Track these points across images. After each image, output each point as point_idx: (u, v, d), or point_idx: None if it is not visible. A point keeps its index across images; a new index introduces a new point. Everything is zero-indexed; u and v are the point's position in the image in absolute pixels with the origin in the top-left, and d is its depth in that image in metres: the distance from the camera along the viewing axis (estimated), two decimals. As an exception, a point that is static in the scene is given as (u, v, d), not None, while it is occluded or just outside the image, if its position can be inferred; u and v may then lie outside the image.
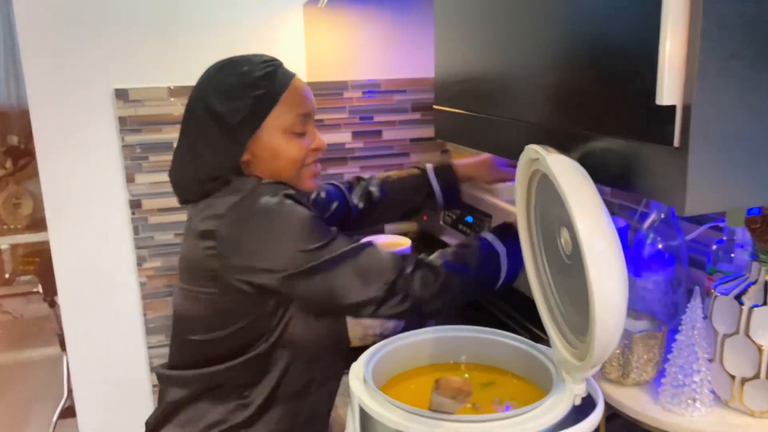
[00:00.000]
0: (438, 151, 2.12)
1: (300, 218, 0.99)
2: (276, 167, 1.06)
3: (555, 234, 0.85)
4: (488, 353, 0.94)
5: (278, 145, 1.05)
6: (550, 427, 0.74)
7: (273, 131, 1.05)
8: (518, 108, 0.94)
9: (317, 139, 1.12)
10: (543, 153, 0.75)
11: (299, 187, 1.09)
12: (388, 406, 0.77)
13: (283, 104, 1.05)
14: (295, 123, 1.06)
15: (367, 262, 1.00)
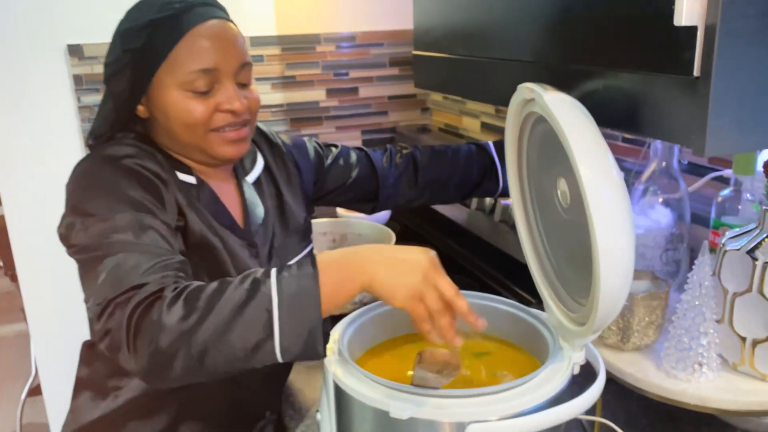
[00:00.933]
0: (418, 109, 2.01)
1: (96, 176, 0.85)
2: (171, 129, 0.91)
3: (550, 186, 0.76)
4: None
5: (169, 105, 0.89)
6: (547, 400, 0.66)
7: (164, 88, 0.89)
8: (509, 46, 0.84)
9: (233, 99, 0.90)
10: (539, 91, 0.66)
11: (211, 153, 0.93)
12: (366, 381, 0.68)
13: (174, 58, 0.88)
14: (193, 80, 0.88)
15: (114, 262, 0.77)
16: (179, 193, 0.90)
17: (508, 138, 0.80)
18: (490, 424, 0.63)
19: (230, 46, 0.90)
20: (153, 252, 0.78)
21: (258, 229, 1.00)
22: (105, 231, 0.79)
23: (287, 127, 1.89)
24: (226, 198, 0.98)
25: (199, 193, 0.94)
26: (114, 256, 0.77)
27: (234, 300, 0.70)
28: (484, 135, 1.73)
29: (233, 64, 0.90)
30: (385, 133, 2.00)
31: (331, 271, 0.72)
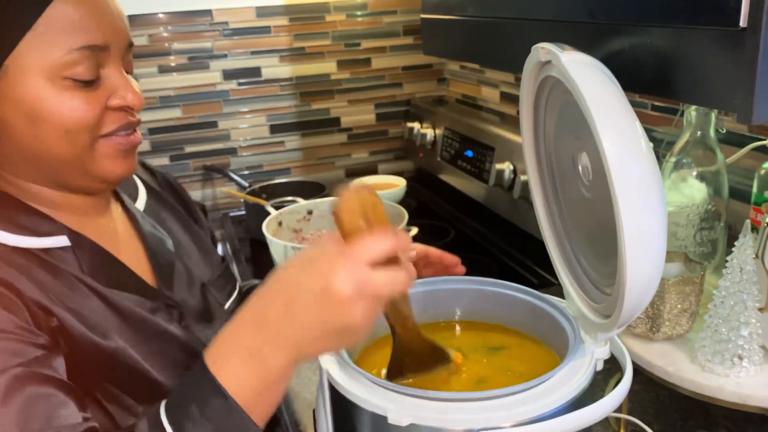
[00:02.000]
0: (434, 79, 1.92)
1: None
2: (38, 139, 0.63)
3: (570, 160, 0.67)
4: (489, 309, 0.78)
5: (39, 100, 0.61)
6: (567, 403, 0.59)
7: (27, 75, 0.61)
8: (524, 3, 0.75)
9: (126, 90, 0.66)
10: (556, 51, 0.57)
11: (96, 173, 0.67)
12: (363, 381, 0.61)
13: (45, 27, 0.60)
14: (74, 62, 0.61)
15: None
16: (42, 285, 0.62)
17: (523, 106, 0.71)
18: (502, 432, 0.56)
19: (119, 19, 0.66)
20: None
21: (172, 271, 0.77)
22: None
23: (297, 102, 1.82)
24: (113, 243, 0.72)
25: (79, 260, 0.66)
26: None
27: None
28: (503, 106, 1.63)
29: (122, 43, 0.66)
30: (399, 106, 1.91)
31: (240, 371, 0.53)
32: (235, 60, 1.73)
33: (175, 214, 0.85)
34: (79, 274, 0.65)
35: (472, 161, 1.49)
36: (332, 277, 0.52)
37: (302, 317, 0.53)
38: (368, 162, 1.94)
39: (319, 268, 0.53)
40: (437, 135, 1.70)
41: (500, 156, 1.35)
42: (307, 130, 1.86)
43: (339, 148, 1.90)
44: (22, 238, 0.64)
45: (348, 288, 0.51)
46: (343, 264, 0.52)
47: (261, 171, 1.84)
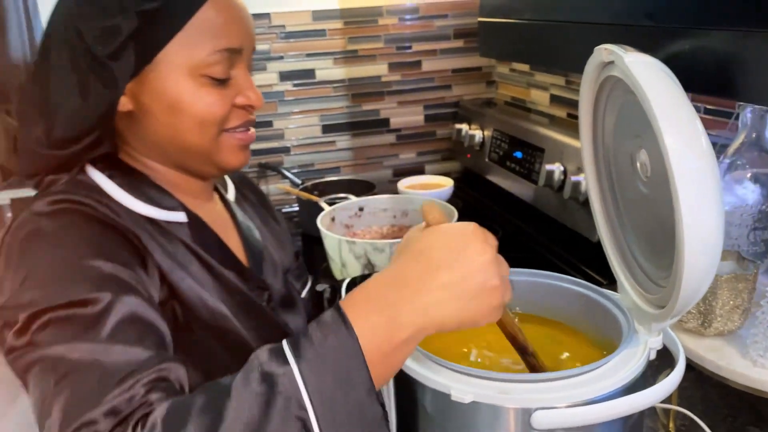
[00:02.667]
0: (483, 82, 1.95)
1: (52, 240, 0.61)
2: (175, 128, 0.70)
3: (628, 157, 0.70)
4: (543, 301, 0.81)
5: (180, 94, 0.68)
6: (620, 388, 0.61)
7: (173, 71, 0.68)
8: (583, 7, 0.78)
9: (250, 91, 0.73)
10: (620, 52, 0.60)
11: (218, 161, 0.74)
12: (426, 361, 0.65)
13: (193, 30, 0.67)
14: (213, 62, 0.69)
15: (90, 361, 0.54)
16: (160, 248, 0.69)
17: (582, 106, 0.74)
18: (557, 411, 0.59)
19: (250, 25, 0.73)
20: (127, 361, 0.54)
21: (262, 258, 0.83)
22: (60, 330, 0.56)
23: (349, 102, 1.87)
24: (219, 226, 0.78)
25: (193, 234, 0.73)
26: (69, 375, 0.53)
27: (245, 417, 0.48)
28: (554, 108, 1.65)
29: (251, 48, 0.74)
30: (448, 108, 1.94)
31: (372, 322, 0.52)
32: (291, 62, 1.80)
33: (254, 209, 0.91)
34: (193, 246, 0.72)
35: (521, 162, 1.52)
36: (474, 238, 0.56)
37: (442, 277, 0.54)
38: (416, 162, 1.97)
39: (462, 230, 0.56)
40: (486, 136, 1.72)
41: (550, 157, 1.38)
42: (357, 130, 1.91)
43: (387, 149, 1.95)
44: (150, 208, 0.71)
45: (489, 250, 0.55)
46: (483, 231, 0.57)
47: (312, 169, 1.90)
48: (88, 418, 0.50)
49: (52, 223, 0.62)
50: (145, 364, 0.55)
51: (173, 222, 0.72)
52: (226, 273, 0.74)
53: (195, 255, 0.72)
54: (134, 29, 0.65)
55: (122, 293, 0.59)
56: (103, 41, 0.65)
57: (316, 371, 0.50)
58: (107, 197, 0.68)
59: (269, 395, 0.48)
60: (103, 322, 0.56)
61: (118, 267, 0.60)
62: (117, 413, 0.51)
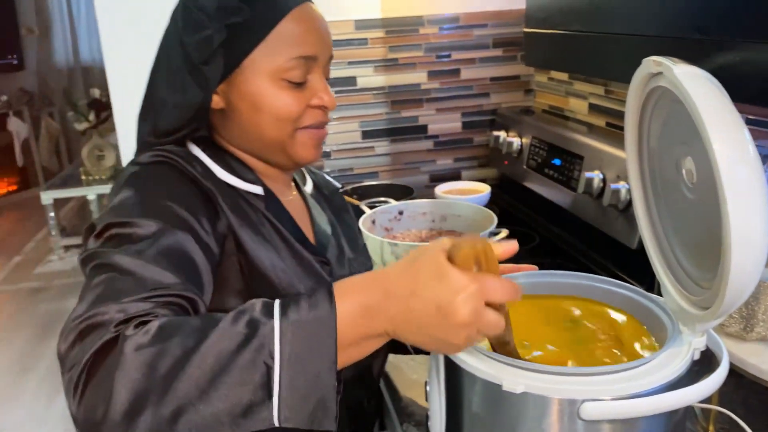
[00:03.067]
0: (521, 90, 1.97)
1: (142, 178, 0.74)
2: (257, 124, 0.81)
3: (673, 164, 0.73)
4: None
5: (262, 94, 0.79)
6: (665, 384, 0.64)
7: (256, 75, 0.79)
8: (631, 19, 0.81)
9: (324, 94, 0.82)
10: (668, 64, 0.63)
11: (292, 155, 0.83)
12: (477, 354, 0.68)
13: (274, 40, 0.78)
14: (291, 68, 0.79)
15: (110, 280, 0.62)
16: (233, 208, 0.79)
17: (628, 115, 0.77)
18: (604, 404, 0.62)
19: (326, 34, 0.83)
20: (157, 280, 0.62)
21: (327, 242, 0.92)
22: (119, 242, 0.66)
23: (388, 109, 1.92)
24: (292, 209, 0.88)
25: (267, 205, 0.84)
26: (110, 274, 0.62)
27: (222, 346, 0.54)
28: (591, 117, 1.67)
29: (326, 56, 0.83)
30: (485, 115, 1.98)
31: (353, 311, 0.58)
32: (334, 69, 1.82)
33: (329, 204, 1.00)
34: (266, 214, 0.82)
35: (559, 169, 1.54)
36: (457, 298, 0.57)
37: (417, 312, 0.58)
38: (452, 168, 2.01)
39: (454, 286, 0.57)
40: (523, 143, 1.75)
41: (589, 164, 1.40)
42: (395, 136, 1.95)
43: (425, 154, 1.98)
44: (233, 178, 0.82)
45: (466, 314, 0.57)
46: (471, 292, 0.57)
47: (351, 174, 1.94)
48: (103, 309, 0.58)
49: (146, 170, 0.76)
50: (171, 287, 0.63)
51: (251, 192, 0.83)
52: (295, 244, 0.83)
53: (268, 221, 0.82)
54: (223, 40, 0.77)
55: (176, 228, 0.68)
56: (199, 49, 0.78)
57: (293, 332, 0.56)
58: (199, 162, 0.80)
59: (248, 336, 0.55)
60: (151, 243, 0.66)
61: (182, 211, 0.71)
62: (126, 312, 0.58)
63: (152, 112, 0.83)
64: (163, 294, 0.61)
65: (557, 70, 1.00)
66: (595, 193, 1.35)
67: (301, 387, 0.55)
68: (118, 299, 0.59)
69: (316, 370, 0.56)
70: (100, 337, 0.56)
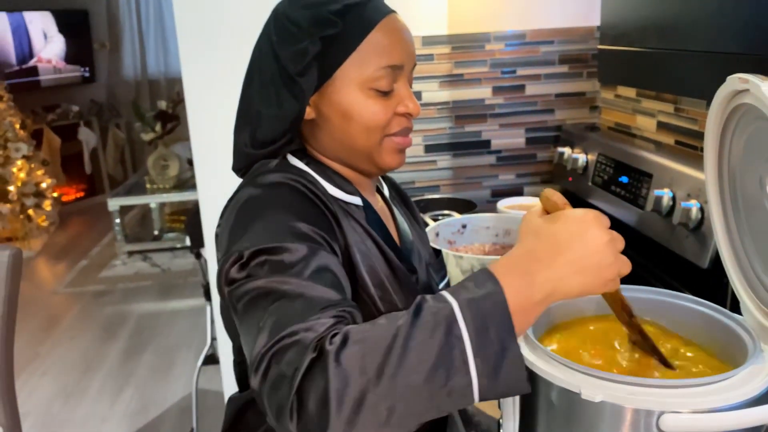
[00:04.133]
0: (587, 107, 1.97)
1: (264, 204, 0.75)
2: (347, 133, 0.83)
3: (755, 182, 0.73)
4: (666, 317, 0.84)
5: (352, 104, 0.81)
6: (746, 401, 0.64)
7: (347, 85, 0.81)
8: (710, 37, 0.81)
9: (409, 101, 0.84)
10: (756, 81, 0.64)
11: (379, 162, 0.85)
12: (552, 362, 0.70)
13: (364, 51, 0.81)
14: (379, 77, 0.81)
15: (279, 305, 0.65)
16: (346, 223, 0.82)
17: (709, 131, 0.77)
18: (683, 416, 0.62)
19: (411, 44, 0.85)
20: (324, 297, 0.66)
21: (411, 246, 0.94)
22: (274, 268, 0.68)
23: (452, 124, 1.94)
24: (382, 215, 0.91)
25: (367, 216, 0.87)
26: (279, 301, 0.65)
27: (417, 337, 0.57)
28: (660, 135, 1.66)
29: (411, 64, 0.85)
30: (549, 131, 1.98)
31: (520, 285, 0.62)
32: (399, 83, 1.88)
33: (402, 208, 1.02)
34: (365, 226, 0.86)
35: (627, 187, 1.53)
36: (593, 224, 0.64)
37: (567, 255, 0.63)
38: (515, 184, 2.02)
39: (583, 218, 0.65)
40: (589, 160, 1.75)
41: (658, 182, 1.39)
42: (458, 150, 1.97)
43: (487, 169, 2.00)
44: (337, 190, 0.86)
45: (605, 233, 0.64)
46: (601, 218, 0.66)
47: (413, 187, 1.97)
48: (292, 330, 0.61)
49: (268, 193, 0.77)
50: (339, 303, 0.66)
51: (352, 204, 0.87)
52: (390, 253, 0.86)
53: (367, 233, 0.85)
54: (318, 51, 0.80)
55: (319, 249, 0.71)
56: (294, 61, 0.80)
57: (470, 308, 0.59)
58: (310, 177, 0.83)
59: (436, 323, 0.58)
60: (305, 265, 0.69)
61: (315, 230, 0.74)
62: (315, 330, 0.61)
63: (248, 123, 0.86)
64: (336, 310, 0.65)
65: (631, 86, 1.01)
66: (665, 212, 1.34)
67: (491, 357, 0.58)
68: (303, 319, 0.62)
69: (500, 338, 0.59)
70: (301, 357, 0.58)
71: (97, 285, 4.09)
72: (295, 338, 0.60)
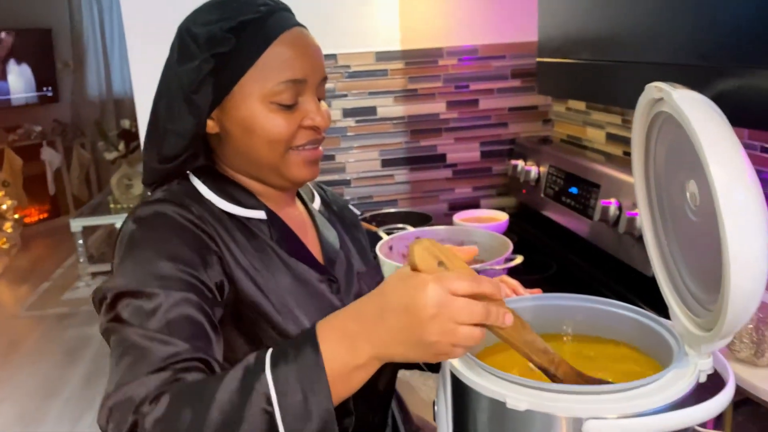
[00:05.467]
0: (539, 120, 2.00)
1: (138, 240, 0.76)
2: (250, 146, 0.83)
3: (678, 189, 0.74)
4: (598, 324, 0.85)
5: (253, 118, 0.81)
6: (670, 404, 0.65)
7: (247, 99, 0.81)
8: (638, 48, 0.84)
9: (316, 114, 0.84)
10: (668, 89, 0.65)
11: (287, 175, 0.85)
12: (483, 373, 0.70)
13: (263, 65, 0.80)
14: (280, 91, 0.81)
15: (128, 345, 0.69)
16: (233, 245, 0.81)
17: (635, 140, 0.79)
18: (608, 422, 0.62)
19: (316, 58, 0.84)
20: (169, 351, 0.67)
21: (335, 256, 0.93)
22: (133, 313, 0.70)
23: (408, 138, 1.95)
24: (297, 227, 0.90)
25: (270, 230, 0.86)
26: (129, 353, 0.68)
27: (228, 404, 0.61)
28: (609, 146, 1.69)
29: (318, 78, 0.84)
30: (503, 145, 2.00)
31: (340, 350, 0.64)
32: (354, 100, 1.89)
33: (339, 221, 1.01)
34: (269, 241, 0.85)
35: (576, 198, 1.55)
36: (419, 294, 0.61)
37: (389, 322, 0.63)
38: (471, 197, 2.03)
39: (413, 284, 0.62)
40: (541, 172, 1.77)
41: (606, 193, 1.41)
42: (415, 165, 1.98)
43: (443, 183, 2.01)
44: (232, 206, 0.85)
45: (429, 306, 0.60)
46: (431, 287, 0.61)
47: (371, 201, 1.97)
48: (126, 389, 0.64)
49: (141, 228, 0.78)
50: (182, 354, 0.68)
51: (253, 218, 0.85)
52: (296, 266, 0.86)
53: (271, 249, 0.84)
54: (212, 68, 0.80)
55: (181, 291, 0.72)
56: (189, 78, 0.81)
57: (284, 380, 0.62)
58: (199, 197, 0.84)
59: (247, 391, 0.62)
60: (160, 315, 0.70)
61: (182, 268, 0.74)
62: (147, 386, 0.64)
63: (155, 138, 0.86)
64: (176, 361, 0.67)
65: (569, 98, 1.03)
66: (611, 221, 1.36)
67: (302, 422, 0.62)
68: (136, 376, 0.65)
69: (312, 408, 0.62)
70: (125, 420, 0.62)
71: (60, 308, 4.01)
72: (126, 397, 0.64)
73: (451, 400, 0.74)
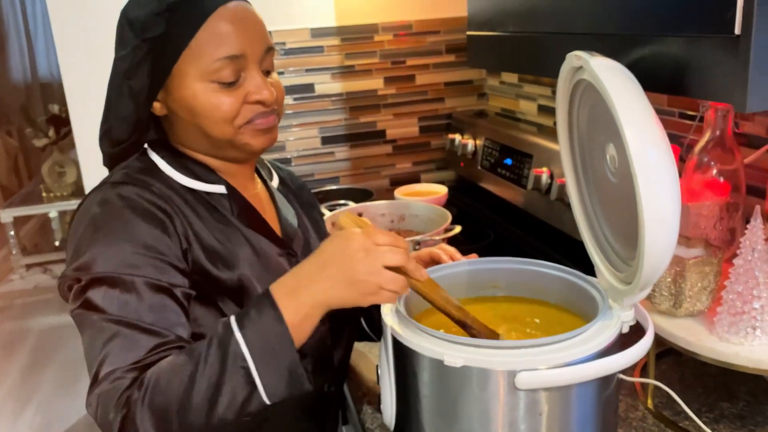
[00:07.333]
0: (474, 95, 2.04)
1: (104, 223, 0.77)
2: (198, 126, 0.83)
3: (600, 153, 0.78)
4: (528, 284, 0.89)
5: (194, 98, 0.81)
6: (595, 353, 0.69)
7: (186, 80, 0.81)
8: (560, 19, 0.87)
9: (262, 88, 0.82)
10: (586, 57, 0.69)
11: (242, 147, 0.85)
12: (421, 334, 0.73)
13: (197, 44, 0.79)
14: (218, 68, 0.80)
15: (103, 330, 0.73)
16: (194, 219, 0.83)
17: (559, 108, 0.83)
18: (539, 373, 0.66)
19: (255, 30, 0.83)
20: (150, 336, 0.73)
21: (293, 233, 0.95)
22: (109, 302, 0.74)
23: (347, 115, 1.96)
24: (256, 203, 0.92)
25: (231, 205, 0.87)
26: (112, 340, 0.72)
27: (208, 371, 0.68)
28: (541, 118, 1.74)
29: (259, 50, 0.83)
30: (441, 119, 2.04)
31: (290, 303, 0.71)
32: (291, 77, 1.89)
33: (297, 199, 1.03)
34: (229, 215, 0.87)
35: (511, 168, 1.60)
36: (349, 242, 0.72)
37: (327, 271, 0.72)
38: (411, 171, 2.06)
39: (344, 235, 0.73)
40: (477, 145, 1.81)
41: (538, 162, 1.46)
42: (355, 141, 1.99)
43: (384, 159, 2.03)
44: (193, 181, 0.86)
45: (358, 250, 0.71)
46: (359, 236, 0.72)
47: (312, 179, 1.98)
48: (116, 375, 0.70)
49: (105, 214, 0.79)
50: (160, 336, 0.73)
51: (214, 193, 0.87)
52: (256, 239, 0.88)
53: (231, 223, 0.86)
54: (144, 53, 0.81)
55: (152, 278, 0.75)
56: (124, 63, 0.82)
57: (255, 338, 0.70)
58: (159, 173, 0.85)
59: (223, 354, 0.69)
60: (136, 302, 0.74)
61: (151, 254, 0.77)
62: (132, 371, 0.70)
63: (106, 122, 0.87)
64: (161, 350, 0.72)
65: (499, 70, 1.06)
66: (544, 190, 1.41)
67: (275, 370, 0.70)
68: (122, 364, 0.71)
69: (279, 353, 0.70)
70: (117, 405, 0.69)
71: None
72: (117, 383, 0.69)
73: (393, 362, 0.77)
